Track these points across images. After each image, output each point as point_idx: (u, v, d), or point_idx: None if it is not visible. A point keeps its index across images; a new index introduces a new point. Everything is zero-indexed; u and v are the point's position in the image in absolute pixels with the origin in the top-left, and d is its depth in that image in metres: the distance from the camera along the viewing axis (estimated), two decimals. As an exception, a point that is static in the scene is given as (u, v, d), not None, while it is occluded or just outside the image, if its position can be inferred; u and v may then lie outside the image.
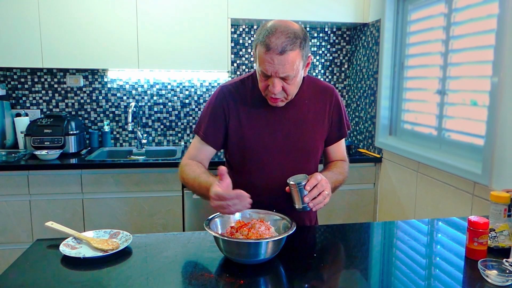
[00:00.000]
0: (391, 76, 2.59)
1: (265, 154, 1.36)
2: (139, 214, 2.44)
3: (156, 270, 1.04)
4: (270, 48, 1.18)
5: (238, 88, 1.38)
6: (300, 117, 1.38)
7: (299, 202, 1.20)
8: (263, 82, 1.26)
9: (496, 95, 1.65)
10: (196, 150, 1.41)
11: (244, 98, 1.37)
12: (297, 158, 1.39)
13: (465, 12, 1.97)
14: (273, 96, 1.27)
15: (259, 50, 1.21)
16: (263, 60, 1.20)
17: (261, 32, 1.21)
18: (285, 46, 1.18)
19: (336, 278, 1.05)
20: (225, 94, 1.37)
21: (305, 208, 1.19)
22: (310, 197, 1.18)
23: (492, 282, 0.96)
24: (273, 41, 1.17)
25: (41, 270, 1.04)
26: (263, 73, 1.23)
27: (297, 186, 1.18)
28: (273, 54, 1.18)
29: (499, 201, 1.16)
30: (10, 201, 2.35)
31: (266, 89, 1.27)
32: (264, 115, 1.36)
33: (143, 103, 2.98)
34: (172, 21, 2.59)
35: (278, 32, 1.18)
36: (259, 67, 1.23)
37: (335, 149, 1.50)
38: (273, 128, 1.36)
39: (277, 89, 1.23)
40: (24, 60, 2.52)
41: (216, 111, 1.37)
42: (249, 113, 1.36)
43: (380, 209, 2.71)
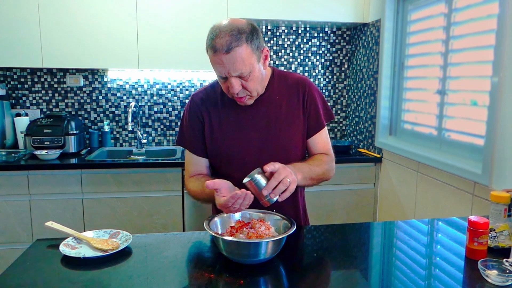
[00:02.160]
0: (391, 76, 2.59)
1: (241, 156, 1.34)
2: (139, 214, 2.44)
3: (156, 270, 1.04)
4: (217, 50, 1.19)
5: (208, 94, 1.40)
6: (272, 114, 1.35)
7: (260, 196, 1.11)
8: (223, 84, 1.27)
9: (496, 95, 1.65)
10: (192, 164, 1.42)
11: (214, 103, 1.37)
12: (275, 155, 1.31)
13: (465, 12, 1.97)
14: (237, 96, 1.27)
15: (209, 54, 1.23)
16: (214, 63, 1.22)
17: (208, 36, 1.23)
18: (229, 44, 1.17)
19: (336, 278, 1.05)
20: (196, 103, 1.39)
21: (270, 200, 1.10)
22: (269, 188, 1.08)
23: (492, 282, 0.96)
24: (218, 42, 1.18)
25: (41, 270, 1.04)
26: (219, 76, 1.25)
27: (253, 182, 1.10)
28: (220, 54, 1.19)
29: (499, 201, 1.16)
30: (10, 201, 2.35)
31: (228, 91, 1.27)
32: (236, 117, 1.35)
33: (143, 103, 2.98)
34: (172, 21, 2.59)
35: (221, 32, 1.19)
36: (215, 71, 1.25)
37: (315, 142, 1.42)
38: (247, 129, 1.35)
39: (236, 88, 1.22)
40: (24, 60, 2.52)
41: (193, 121, 1.38)
42: (221, 117, 1.36)
43: (380, 209, 2.71)
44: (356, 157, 2.67)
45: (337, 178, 2.79)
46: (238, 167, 1.32)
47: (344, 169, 2.62)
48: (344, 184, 2.67)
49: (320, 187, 2.71)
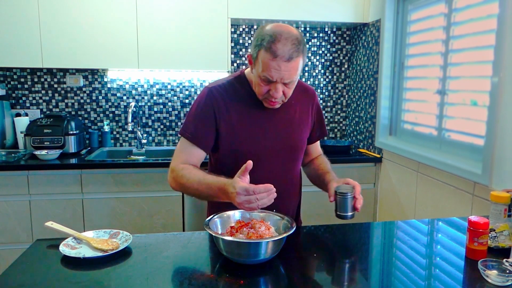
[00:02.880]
0: (391, 76, 2.59)
1: (258, 154, 1.35)
2: (139, 214, 2.44)
3: (156, 270, 1.04)
4: (277, 55, 1.17)
5: (227, 90, 1.37)
6: (288, 117, 1.39)
7: (350, 209, 1.24)
8: (263, 87, 1.25)
9: (496, 95, 1.65)
10: (186, 154, 1.36)
11: (233, 99, 1.36)
12: (287, 156, 1.40)
13: (465, 12, 1.97)
14: (273, 100, 1.28)
15: (264, 57, 1.19)
16: (269, 67, 1.19)
17: (264, 38, 1.20)
18: (292, 54, 1.18)
19: (336, 278, 1.05)
20: (214, 95, 1.35)
21: (353, 215, 1.25)
22: (361, 203, 1.25)
23: (492, 282, 0.96)
24: (280, 48, 1.17)
25: (41, 270, 1.04)
26: (266, 79, 1.22)
27: (349, 195, 1.23)
28: (280, 61, 1.18)
29: (499, 201, 1.17)
30: (10, 201, 2.35)
31: (265, 94, 1.27)
32: (255, 116, 1.36)
33: (143, 103, 2.98)
34: (172, 21, 2.59)
35: (283, 38, 1.18)
36: (263, 73, 1.21)
37: (315, 146, 1.58)
38: (264, 128, 1.36)
39: (280, 94, 1.24)
40: (24, 60, 2.52)
41: (205, 112, 1.34)
42: (240, 114, 1.35)
43: (380, 209, 2.71)
44: (356, 157, 2.67)
45: (337, 178, 2.79)
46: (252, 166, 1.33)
47: (344, 169, 2.62)
48: (344, 184, 2.67)
49: (320, 187, 2.71)
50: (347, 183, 1.28)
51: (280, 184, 1.35)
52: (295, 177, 1.48)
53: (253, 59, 1.25)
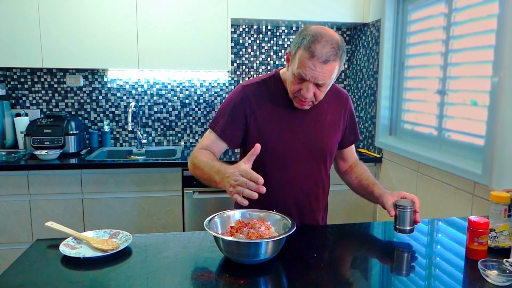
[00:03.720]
0: (391, 76, 2.59)
1: (284, 154, 1.36)
2: (139, 214, 2.44)
3: (156, 270, 1.04)
4: (315, 56, 1.19)
5: (259, 88, 1.38)
6: (320, 119, 1.40)
7: (409, 223, 1.25)
8: (296, 85, 1.26)
9: (496, 95, 1.65)
10: (209, 142, 1.40)
11: (265, 98, 1.37)
12: (315, 159, 1.41)
13: (465, 12, 1.97)
14: (303, 100, 1.28)
15: (302, 55, 1.21)
16: (304, 65, 1.20)
17: (305, 37, 1.21)
18: (329, 56, 1.19)
19: (336, 278, 1.05)
20: (247, 93, 1.37)
21: (413, 230, 1.25)
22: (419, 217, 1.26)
23: (492, 282, 0.96)
24: (319, 49, 1.18)
25: (41, 270, 1.04)
26: (300, 76, 1.23)
27: (409, 209, 1.24)
28: (316, 61, 1.19)
29: (499, 201, 1.17)
30: (10, 201, 2.35)
31: (297, 92, 1.28)
32: (286, 116, 1.36)
33: (143, 103, 2.98)
34: (172, 21, 2.59)
35: (323, 40, 1.19)
36: (297, 70, 1.22)
37: (350, 151, 1.56)
38: (294, 129, 1.37)
39: (310, 94, 1.25)
40: (24, 60, 2.52)
41: (237, 109, 1.36)
42: (271, 114, 1.36)
43: (380, 209, 2.71)
44: (356, 157, 2.67)
45: (337, 178, 2.79)
46: (280, 165, 1.36)
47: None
48: (344, 184, 2.66)
49: (320, 187, 2.71)
50: (404, 197, 1.29)
51: (306, 185, 1.41)
52: (322, 180, 1.47)
53: (291, 56, 1.26)
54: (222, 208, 1.94)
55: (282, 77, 1.39)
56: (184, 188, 2.46)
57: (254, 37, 3.02)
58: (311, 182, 1.43)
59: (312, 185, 1.44)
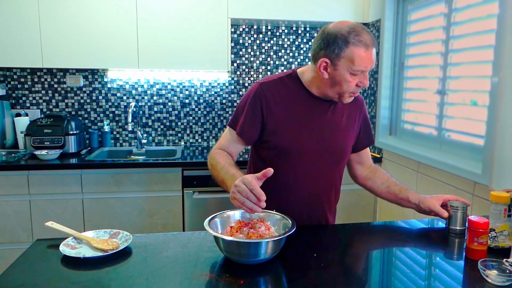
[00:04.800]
0: (391, 76, 2.59)
1: (301, 153, 1.36)
2: (139, 214, 2.44)
3: (156, 270, 1.04)
4: (369, 45, 1.23)
5: (277, 86, 1.38)
6: (336, 120, 1.40)
7: (460, 224, 1.30)
8: (352, 81, 1.26)
9: (496, 95, 1.65)
10: (227, 142, 1.42)
11: (283, 96, 1.37)
12: (330, 159, 1.41)
13: (465, 12, 1.97)
14: (359, 90, 1.31)
15: (356, 51, 1.21)
16: (363, 59, 1.22)
17: (344, 36, 1.21)
18: (374, 41, 1.25)
19: (336, 278, 1.05)
20: (263, 91, 1.37)
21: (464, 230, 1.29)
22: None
23: (492, 282, 0.96)
24: (367, 38, 1.23)
25: (41, 270, 1.04)
26: (360, 71, 1.24)
27: (462, 210, 1.30)
28: (371, 50, 1.23)
29: (499, 201, 1.16)
30: (10, 201, 2.35)
31: (354, 87, 1.28)
32: (303, 115, 1.36)
33: (143, 103, 2.98)
34: (172, 21, 2.59)
35: (361, 29, 1.24)
36: (357, 67, 1.23)
37: (365, 154, 1.56)
38: (310, 128, 1.37)
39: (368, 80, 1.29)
40: (24, 60, 2.52)
41: (254, 107, 1.37)
42: (288, 111, 1.36)
43: (380, 209, 2.71)
44: (356, 157, 2.67)
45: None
46: (294, 163, 1.36)
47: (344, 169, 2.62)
48: (344, 184, 2.64)
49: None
50: (446, 199, 1.35)
51: (319, 185, 1.41)
52: (335, 181, 1.47)
53: (334, 60, 1.24)
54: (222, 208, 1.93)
55: (300, 77, 1.39)
56: (184, 188, 2.46)
57: (254, 37, 3.02)
58: (323, 182, 1.43)
59: (324, 185, 1.43)
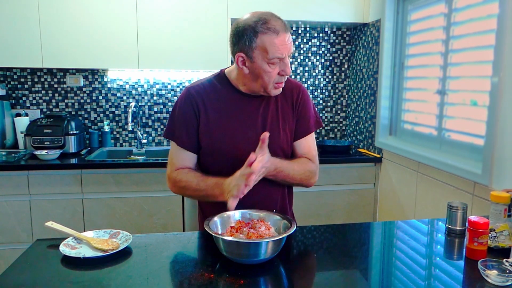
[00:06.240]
0: (391, 76, 2.59)
1: (236, 153, 1.31)
2: (139, 214, 2.44)
3: (156, 270, 1.04)
4: (279, 31, 1.22)
5: (205, 88, 1.37)
6: (270, 115, 1.36)
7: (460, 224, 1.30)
8: (273, 71, 1.25)
9: (496, 95, 1.65)
10: (178, 159, 1.37)
11: (212, 98, 1.35)
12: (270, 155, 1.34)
13: (465, 12, 1.97)
14: (281, 81, 1.29)
15: (267, 39, 1.21)
16: (276, 45, 1.21)
17: (251, 26, 1.22)
18: (285, 25, 1.24)
19: (336, 278, 1.05)
20: (192, 95, 1.35)
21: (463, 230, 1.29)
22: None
23: (492, 282, 0.96)
24: (276, 24, 1.22)
25: (41, 270, 1.04)
26: (276, 60, 1.23)
27: (462, 210, 1.29)
28: (282, 35, 1.22)
29: (499, 201, 1.17)
30: (10, 201, 2.35)
31: (276, 77, 1.26)
32: (235, 114, 1.35)
33: (143, 103, 2.98)
34: (172, 21, 2.59)
35: (270, 16, 1.25)
36: (272, 55, 1.22)
37: (301, 145, 1.42)
38: (245, 127, 1.34)
39: (290, 68, 1.26)
40: (24, 60, 2.52)
41: (186, 113, 1.34)
42: (220, 112, 1.34)
43: (380, 209, 2.71)
44: (356, 157, 2.67)
45: (337, 178, 2.80)
46: (231, 164, 1.29)
47: (344, 169, 2.62)
48: (344, 184, 2.67)
49: (320, 187, 2.72)
50: None
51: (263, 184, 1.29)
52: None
53: (249, 53, 1.24)
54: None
55: (228, 77, 1.38)
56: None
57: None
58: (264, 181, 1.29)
59: (267, 184, 1.33)
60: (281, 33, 1.22)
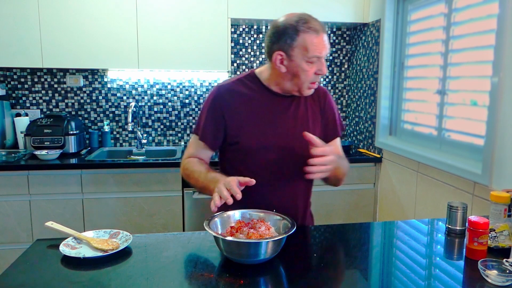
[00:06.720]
0: (391, 76, 2.59)
1: (266, 151, 1.35)
2: (139, 214, 2.44)
3: (156, 270, 1.04)
4: (319, 30, 1.25)
5: (236, 87, 1.38)
6: (300, 115, 1.39)
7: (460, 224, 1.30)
8: (310, 70, 1.27)
9: (496, 95, 1.65)
10: (195, 149, 1.43)
11: (242, 97, 1.37)
12: (297, 155, 1.37)
13: (465, 12, 1.97)
14: (317, 80, 1.32)
15: (308, 38, 1.24)
16: (317, 45, 1.25)
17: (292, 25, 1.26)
18: (323, 26, 1.28)
19: (336, 278, 1.05)
20: (222, 94, 1.37)
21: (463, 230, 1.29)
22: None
23: (492, 282, 0.96)
24: (316, 24, 1.26)
25: (41, 270, 1.04)
26: (314, 60, 1.25)
27: (462, 210, 1.30)
28: (322, 35, 1.26)
29: (499, 201, 1.17)
30: (10, 201, 2.35)
31: (312, 76, 1.29)
32: (266, 113, 1.36)
33: (143, 103, 2.98)
34: (172, 21, 2.59)
35: (308, 17, 1.28)
36: (312, 54, 1.24)
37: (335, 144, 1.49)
38: (275, 126, 1.36)
39: (326, 68, 1.30)
40: (24, 60, 2.52)
41: (214, 111, 1.37)
42: (251, 112, 1.36)
43: (380, 209, 2.71)
44: (356, 157, 2.67)
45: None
46: (261, 162, 1.35)
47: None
48: (344, 184, 2.63)
49: (320, 187, 2.71)
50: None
51: (287, 182, 1.38)
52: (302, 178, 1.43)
53: (288, 51, 1.26)
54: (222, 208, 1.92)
55: (259, 76, 1.39)
56: (184, 188, 2.46)
57: (254, 37, 3.02)
58: (294, 180, 1.39)
59: (292, 181, 1.39)
60: (321, 32, 1.25)
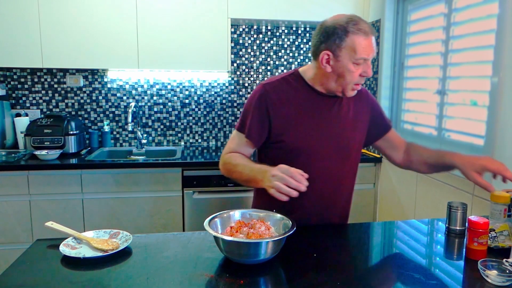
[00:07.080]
0: (391, 76, 2.59)
1: (308, 151, 1.35)
2: (139, 214, 2.44)
3: (156, 270, 1.04)
4: (368, 32, 1.24)
5: (281, 86, 1.38)
6: (343, 115, 1.39)
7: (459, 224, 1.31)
8: (356, 71, 1.27)
9: (496, 95, 1.65)
10: (236, 145, 1.42)
11: (288, 96, 1.37)
12: (339, 155, 1.39)
13: (465, 12, 1.97)
14: (362, 81, 1.32)
15: (356, 39, 1.23)
16: (365, 46, 1.24)
17: (342, 26, 1.24)
18: (372, 29, 1.27)
19: (336, 278, 1.05)
20: (268, 92, 1.37)
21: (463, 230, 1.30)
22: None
23: (492, 282, 0.96)
24: (366, 27, 1.25)
25: (41, 270, 1.04)
26: (361, 61, 1.26)
27: (462, 210, 1.30)
28: (371, 38, 1.25)
29: (499, 201, 1.17)
30: (10, 201, 2.35)
31: (357, 78, 1.29)
32: (310, 113, 1.36)
33: (143, 103, 2.98)
34: (172, 21, 2.59)
35: (358, 19, 1.26)
36: (359, 56, 1.24)
37: (393, 137, 1.52)
38: (318, 126, 1.36)
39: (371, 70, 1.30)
40: (24, 60, 2.52)
41: (260, 108, 1.36)
42: (295, 111, 1.36)
43: (380, 209, 2.71)
44: (356, 157, 2.67)
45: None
46: (303, 162, 1.33)
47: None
48: (344, 184, 2.67)
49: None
50: (485, 165, 1.28)
51: (331, 182, 1.40)
52: (347, 177, 1.46)
53: (336, 51, 1.26)
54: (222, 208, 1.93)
55: (303, 75, 1.39)
56: (184, 188, 2.46)
57: (254, 37, 3.02)
58: (335, 179, 1.41)
59: (336, 182, 1.41)
60: (370, 35, 1.25)
